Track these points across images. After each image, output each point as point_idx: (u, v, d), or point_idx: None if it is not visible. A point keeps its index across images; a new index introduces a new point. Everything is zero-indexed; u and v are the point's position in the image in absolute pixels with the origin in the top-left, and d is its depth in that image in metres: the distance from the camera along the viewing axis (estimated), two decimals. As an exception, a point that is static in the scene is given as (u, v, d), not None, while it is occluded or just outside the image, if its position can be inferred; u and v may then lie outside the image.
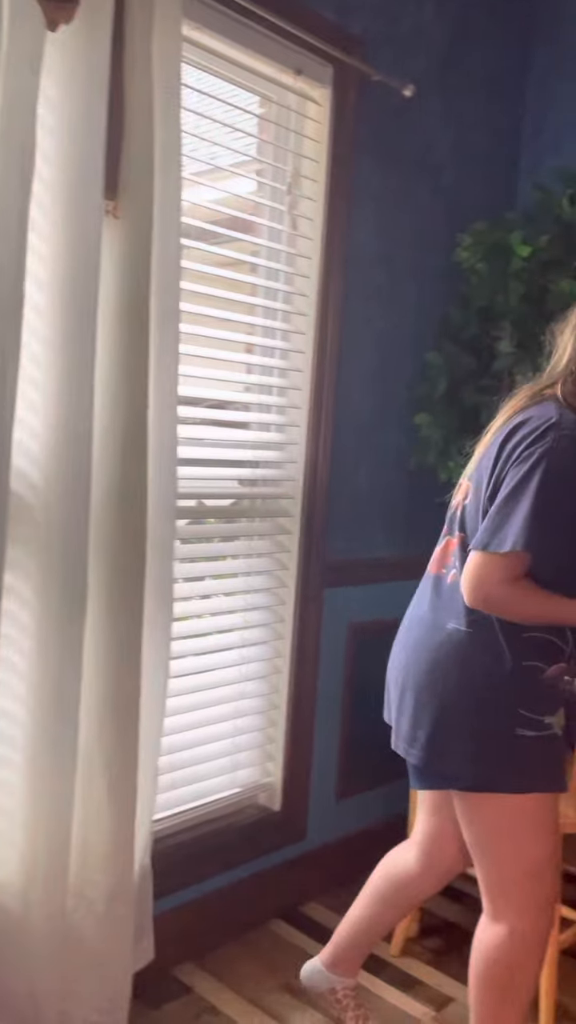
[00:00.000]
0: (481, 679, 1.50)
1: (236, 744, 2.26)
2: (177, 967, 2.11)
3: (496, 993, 1.61)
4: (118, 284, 1.63)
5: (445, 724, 1.53)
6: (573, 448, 1.43)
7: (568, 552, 1.47)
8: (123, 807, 1.71)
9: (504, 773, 1.51)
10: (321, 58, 2.12)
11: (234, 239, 2.12)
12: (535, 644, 1.50)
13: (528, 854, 1.56)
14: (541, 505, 1.41)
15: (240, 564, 2.25)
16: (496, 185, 2.81)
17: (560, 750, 1.55)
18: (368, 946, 1.91)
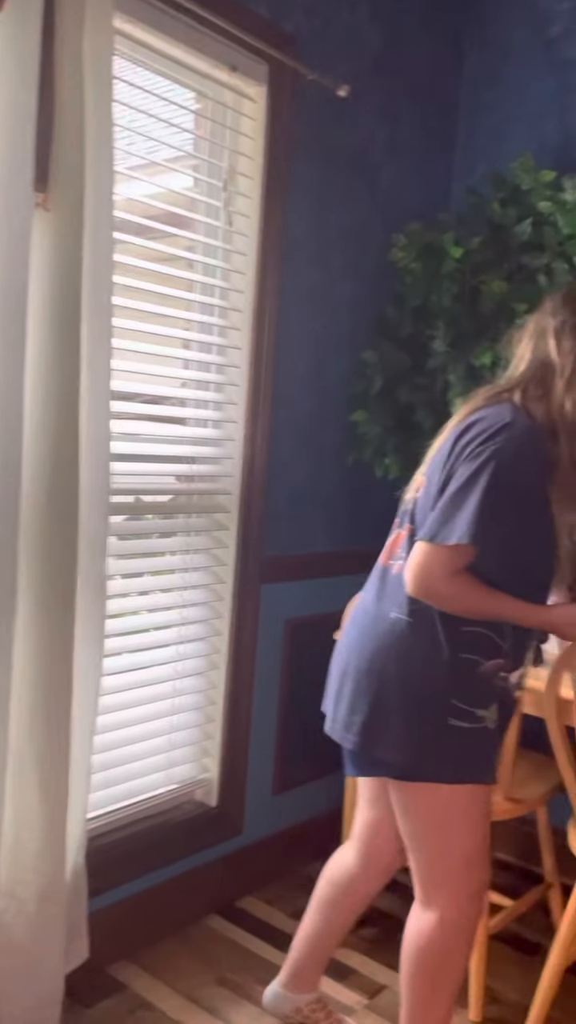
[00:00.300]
0: (418, 668, 1.54)
1: (172, 741, 2.26)
2: (112, 965, 2.10)
3: (427, 979, 1.65)
4: (48, 277, 1.62)
5: (381, 710, 1.56)
6: (522, 449, 1.48)
7: (511, 549, 1.51)
8: (54, 806, 1.70)
9: (436, 762, 1.55)
10: (256, 55, 2.13)
11: (170, 235, 2.11)
12: (473, 638, 1.54)
13: (461, 844, 1.60)
14: (488, 501, 1.45)
15: (177, 560, 2.25)
16: (430, 187, 2.85)
17: (492, 743, 1.59)
18: (325, 958, 1.91)
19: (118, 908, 2.10)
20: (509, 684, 1.60)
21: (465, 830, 1.59)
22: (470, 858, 1.61)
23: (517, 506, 1.48)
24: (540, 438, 1.51)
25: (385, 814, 1.78)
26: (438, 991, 1.65)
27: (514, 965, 2.23)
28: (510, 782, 2.05)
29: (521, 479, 1.48)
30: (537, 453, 1.50)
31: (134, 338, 2.02)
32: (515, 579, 1.54)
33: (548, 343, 1.57)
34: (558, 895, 2.30)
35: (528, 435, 1.49)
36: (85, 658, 1.76)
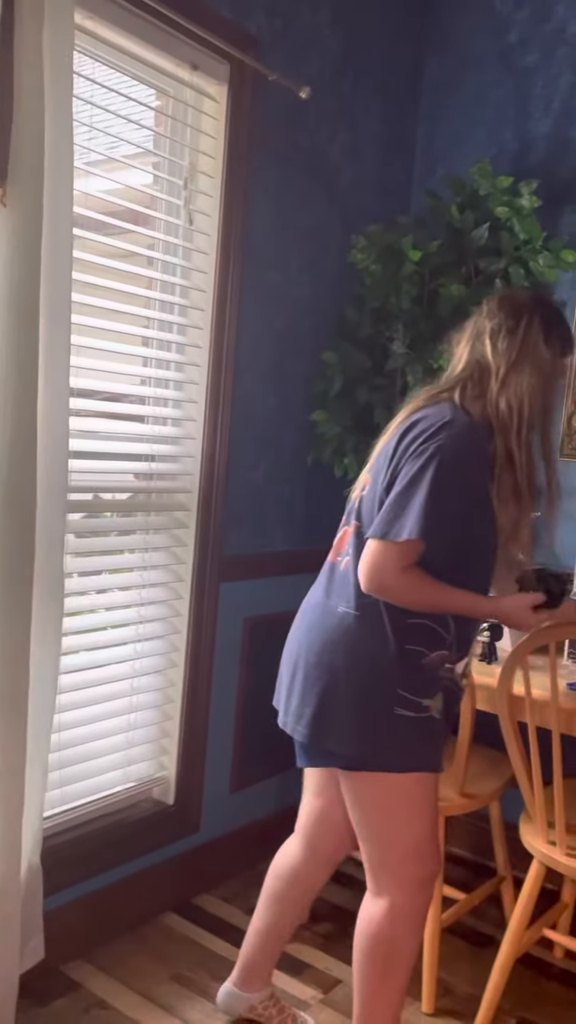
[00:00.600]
0: (366, 660, 1.58)
1: (130, 739, 2.25)
2: (67, 964, 2.09)
3: (378, 968, 1.68)
4: (6, 273, 1.60)
5: (330, 702, 1.59)
6: (463, 446, 1.53)
7: (457, 543, 1.56)
8: (10, 805, 1.69)
9: (385, 751, 1.59)
10: (217, 55, 2.14)
11: (130, 232, 2.11)
12: (418, 630, 1.58)
13: (409, 832, 1.64)
14: (434, 497, 1.49)
15: (136, 558, 2.24)
16: (390, 190, 2.88)
17: (438, 732, 1.63)
18: (275, 954, 1.93)
19: (73, 907, 2.09)
20: (454, 675, 1.64)
21: (413, 818, 1.63)
22: (419, 845, 1.65)
23: (461, 501, 1.53)
24: (479, 435, 1.57)
25: (330, 803, 1.81)
26: (389, 978, 1.68)
27: (466, 957, 2.27)
28: (464, 778, 2.08)
29: (463, 475, 1.53)
30: (477, 450, 1.55)
31: (93, 335, 2.01)
32: (461, 572, 1.59)
33: (484, 345, 1.63)
34: (510, 888, 2.35)
35: (468, 432, 1.55)
36: (42, 656, 1.75)
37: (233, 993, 1.94)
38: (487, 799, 2.14)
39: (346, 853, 1.88)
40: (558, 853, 1.86)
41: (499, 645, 2.18)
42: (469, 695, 2.01)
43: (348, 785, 1.64)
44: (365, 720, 1.58)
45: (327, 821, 1.83)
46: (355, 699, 1.58)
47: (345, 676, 1.58)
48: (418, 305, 2.60)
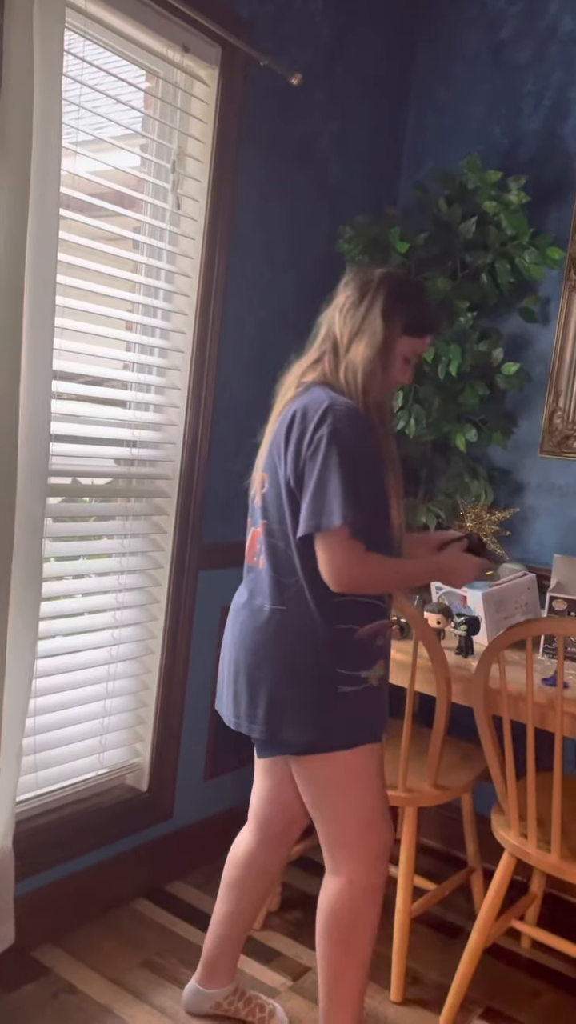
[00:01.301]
0: (301, 649, 1.61)
1: (105, 725, 2.24)
2: (36, 948, 2.08)
3: (342, 945, 1.70)
4: (-9, 252, 1.58)
5: (278, 697, 1.62)
6: (350, 423, 1.56)
7: (371, 517, 1.58)
8: (-18, 788, 1.68)
9: (334, 731, 1.62)
10: (209, 37, 2.12)
11: (116, 214, 2.08)
12: (348, 608, 1.60)
13: (362, 806, 1.67)
14: (346, 480, 1.52)
15: (115, 544, 2.23)
16: (378, 180, 2.88)
17: (377, 701, 1.67)
18: (237, 947, 1.93)
19: (45, 892, 2.08)
20: (387, 640, 1.68)
21: (363, 791, 1.67)
22: (371, 818, 1.68)
23: (368, 476, 1.57)
24: (357, 409, 1.59)
25: (279, 783, 1.83)
26: (352, 955, 1.70)
27: (435, 947, 2.29)
28: (437, 769, 2.10)
29: (361, 452, 1.56)
30: (362, 424, 1.58)
31: (77, 317, 1.99)
32: (381, 545, 1.61)
33: (334, 318, 1.68)
34: (479, 880, 2.37)
35: (349, 411, 1.57)
36: (19, 640, 1.74)
37: (198, 991, 1.94)
38: (459, 791, 2.15)
39: (298, 833, 1.90)
40: (529, 846, 1.88)
41: (476, 639, 2.20)
42: (444, 687, 2.02)
43: (300, 769, 1.67)
44: (314, 706, 1.61)
45: (276, 801, 1.85)
46: (300, 689, 1.60)
47: (286, 669, 1.61)
48: (404, 298, 2.60)
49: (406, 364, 1.69)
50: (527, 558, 2.67)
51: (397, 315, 1.63)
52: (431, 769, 2.09)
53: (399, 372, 1.68)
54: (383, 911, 2.37)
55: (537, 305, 2.58)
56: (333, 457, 1.52)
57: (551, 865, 1.85)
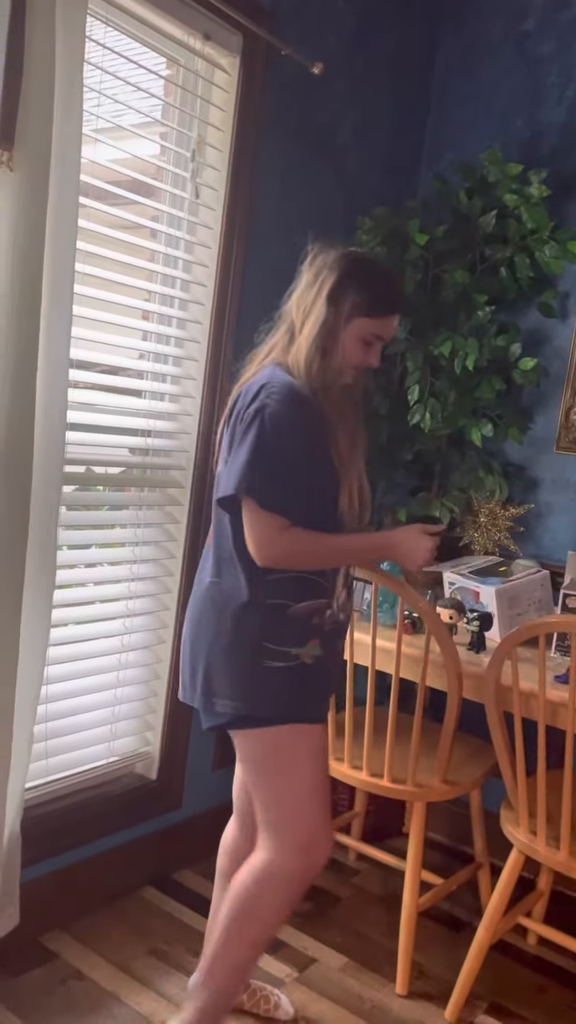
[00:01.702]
0: (229, 621, 1.60)
1: (116, 713, 2.25)
2: (44, 934, 2.10)
3: (238, 920, 1.67)
4: (9, 238, 1.58)
5: (208, 667, 1.63)
6: (282, 401, 1.54)
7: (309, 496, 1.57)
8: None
9: (259, 705, 1.60)
10: (230, 25, 2.10)
11: (135, 202, 2.08)
12: (281, 583, 1.59)
13: (293, 790, 1.64)
14: (257, 452, 1.52)
15: (128, 534, 2.23)
16: (398, 172, 2.86)
17: (312, 680, 1.63)
18: None
19: (53, 878, 2.09)
20: (326, 620, 1.64)
21: (295, 774, 1.63)
22: (298, 805, 1.64)
23: (293, 451, 1.54)
24: (298, 389, 1.57)
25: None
26: (243, 936, 1.67)
27: (441, 942, 2.30)
28: (447, 765, 2.09)
29: (285, 429, 1.53)
30: (297, 404, 1.55)
31: (94, 306, 1.99)
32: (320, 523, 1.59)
33: (292, 299, 1.68)
34: (487, 875, 2.37)
35: (286, 388, 1.56)
36: (32, 627, 1.74)
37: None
38: (469, 787, 2.15)
39: None
40: (538, 843, 1.88)
41: (488, 635, 2.19)
42: (456, 683, 2.01)
43: (236, 744, 1.68)
44: (241, 678, 1.60)
45: (247, 789, 1.81)
46: (228, 659, 1.60)
47: (215, 639, 1.62)
48: (421, 290, 2.59)
49: (367, 346, 1.65)
50: (541, 555, 2.65)
51: (346, 297, 1.61)
52: (441, 764, 2.09)
53: (355, 354, 1.64)
54: (390, 904, 2.38)
55: (556, 300, 2.56)
56: (253, 430, 1.53)
57: (560, 862, 1.84)
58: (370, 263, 1.68)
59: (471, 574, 2.31)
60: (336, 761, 2.17)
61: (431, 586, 2.45)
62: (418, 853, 2.10)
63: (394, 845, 2.66)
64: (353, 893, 2.47)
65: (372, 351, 1.67)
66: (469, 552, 2.68)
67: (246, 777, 1.69)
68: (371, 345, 1.66)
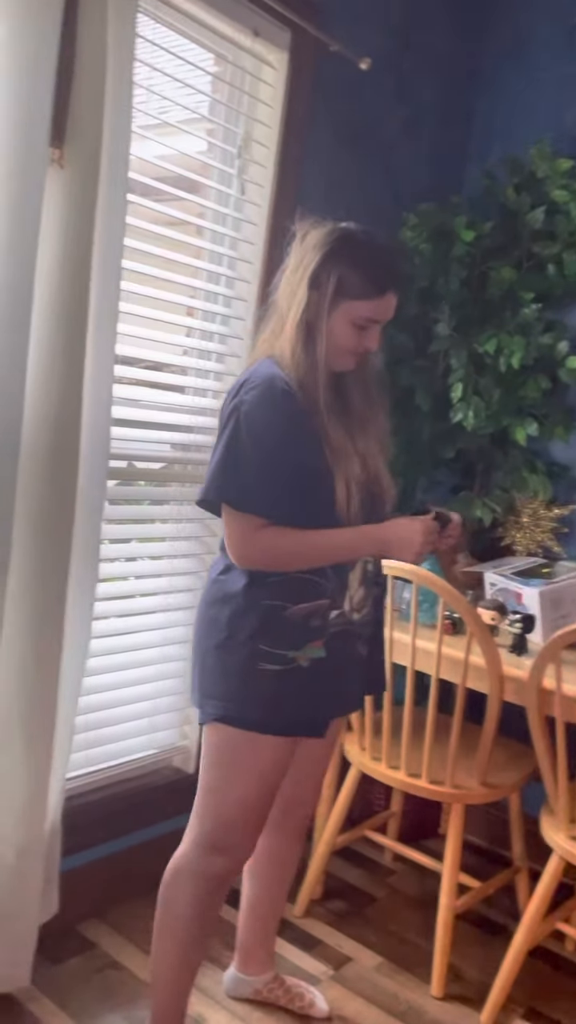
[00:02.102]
0: (225, 620, 1.54)
1: (155, 706, 2.27)
2: (82, 923, 2.12)
3: (159, 913, 1.66)
4: (60, 235, 1.59)
5: (203, 665, 1.59)
6: (260, 399, 1.46)
7: (293, 495, 1.49)
8: (39, 764, 1.71)
9: (246, 708, 1.54)
10: (279, 22, 2.10)
11: (180, 198, 2.08)
12: (280, 584, 1.52)
13: (228, 788, 1.58)
14: (227, 455, 1.47)
15: (169, 528, 2.24)
16: (444, 168, 2.83)
17: (310, 683, 1.55)
18: (264, 934, 1.92)
19: (92, 867, 2.12)
20: (329, 621, 1.55)
21: (238, 780, 1.57)
22: (230, 809, 1.58)
23: (271, 451, 1.46)
24: (277, 386, 1.47)
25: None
26: (164, 931, 1.65)
27: (478, 945, 2.28)
28: (486, 767, 2.08)
29: (265, 424, 1.46)
30: (272, 398, 1.47)
31: (138, 302, 2.00)
32: (309, 521, 1.51)
33: (280, 284, 1.56)
34: (525, 879, 2.34)
35: (264, 385, 1.47)
36: (76, 620, 1.76)
37: (237, 977, 1.95)
38: (508, 790, 2.13)
39: (301, 821, 1.86)
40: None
41: (530, 638, 2.16)
42: (497, 685, 1.99)
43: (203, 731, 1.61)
44: (229, 677, 1.54)
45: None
46: (222, 659, 1.54)
47: (212, 638, 1.56)
48: (466, 287, 2.56)
49: (360, 330, 1.53)
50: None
51: (329, 280, 1.49)
52: (480, 767, 2.07)
53: (348, 340, 1.52)
54: (427, 906, 2.37)
55: (604, 298, 2.52)
56: (228, 430, 1.48)
57: (601, 870, 1.81)
58: (358, 240, 1.53)
59: (513, 575, 2.28)
60: (374, 760, 2.17)
61: (472, 586, 2.43)
62: (456, 855, 2.08)
63: (430, 846, 2.65)
64: (388, 893, 2.46)
65: (368, 335, 1.54)
66: (511, 553, 2.65)
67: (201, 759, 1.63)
68: (365, 329, 1.53)
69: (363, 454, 1.58)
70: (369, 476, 1.58)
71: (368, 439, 1.60)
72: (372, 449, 1.61)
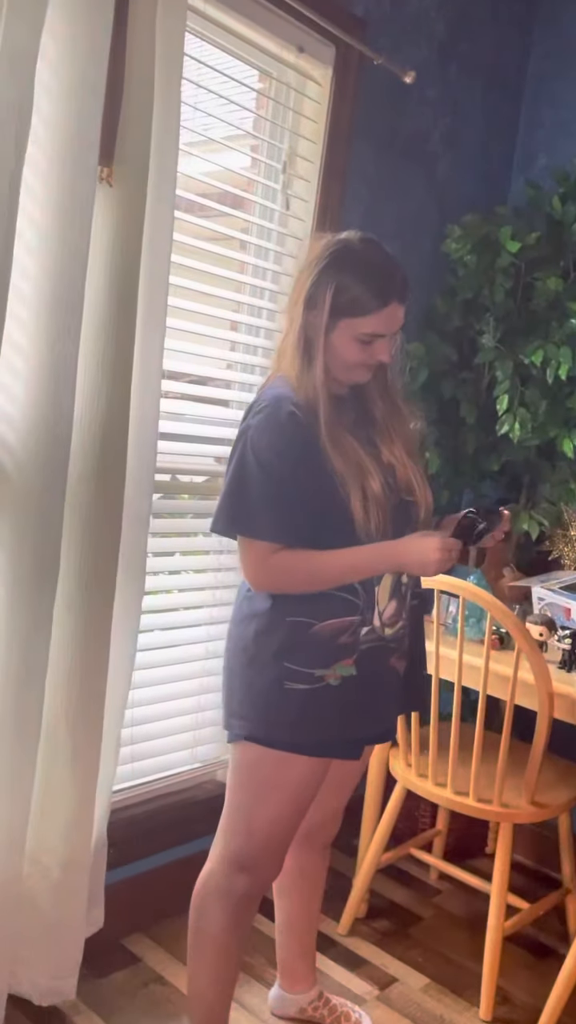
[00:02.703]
0: (250, 637, 1.53)
1: (198, 720, 2.26)
2: (127, 937, 2.12)
3: (191, 931, 1.66)
4: (108, 252, 1.61)
5: (231, 683, 1.57)
6: (265, 425, 1.45)
7: (307, 518, 1.46)
8: (85, 777, 1.71)
9: (273, 730, 1.51)
10: (324, 37, 2.11)
11: (225, 214, 2.10)
12: (306, 600, 1.49)
13: (257, 806, 1.56)
14: (237, 483, 1.46)
15: (213, 541, 2.25)
16: (489, 179, 2.81)
17: (341, 702, 1.51)
18: (302, 951, 1.90)
19: (137, 881, 2.12)
20: (360, 638, 1.51)
21: (268, 799, 1.55)
22: (259, 826, 1.57)
23: (278, 475, 1.43)
24: (282, 410, 1.45)
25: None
26: (197, 952, 1.64)
27: (527, 967, 2.23)
28: (535, 786, 2.04)
29: (275, 453, 1.44)
30: (278, 423, 1.44)
31: (183, 317, 2.01)
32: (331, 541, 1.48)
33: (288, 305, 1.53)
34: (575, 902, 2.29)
35: (270, 407, 1.46)
36: (122, 633, 1.77)
37: (282, 995, 1.93)
38: (558, 810, 2.08)
39: (327, 838, 1.84)
40: (632, 871, 1.80)
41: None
42: (547, 702, 1.95)
43: (232, 749, 1.60)
44: (256, 697, 1.51)
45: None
46: (246, 676, 1.53)
47: (239, 656, 1.54)
48: (511, 298, 2.54)
49: (366, 345, 1.48)
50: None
51: (324, 299, 1.44)
52: (529, 786, 2.03)
53: (353, 355, 1.48)
54: (473, 926, 2.33)
55: None
56: (236, 456, 1.47)
57: None
58: (354, 253, 1.48)
59: (562, 590, 2.25)
60: (420, 777, 2.14)
61: (519, 600, 2.39)
62: (504, 875, 2.04)
63: (477, 865, 2.60)
64: (435, 913, 2.42)
65: (376, 348, 1.49)
66: (559, 567, 2.61)
67: (228, 776, 1.61)
68: (371, 343, 1.49)
69: (390, 463, 1.56)
70: (400, 484, 1.56)
71: (394, 447, 1.58)
72: (400, 457, 1.58)
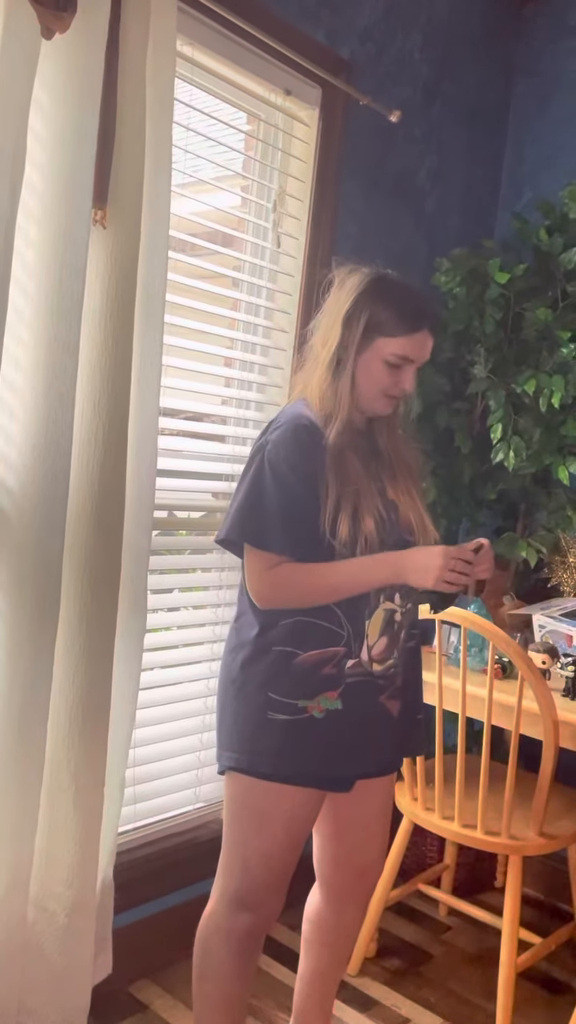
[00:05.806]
0: (237, 667, 1.54)
1: (201, 759, 2.24)
2: (133, 984, 2.08)
3: (195, 973, 1.64)
4: (103, 293, 1.63)
5: (221, 714, 1.59)
6: (282, 443, 1.49)
7: (302, 535, 1.48)
8: (89, 819, 1.69)
9: (256, 760, 1.51)
10: (310, 80, 2.15)
11: (217, 252, 2.13)
12: (291, 629, 1.50)
13: (252, 841, 1.56)
14: (250, 497, 1.49)
15: (212, 577, 2.24)
16: (475, 213, 2.86)
17: (324, 736, 1.51)
18: (322, 1001, 1.84)
19: (142, 926, 2.08)
20: (345, 670, 1.51)
21: (261, 833, 1.54)
22: (255, 863, 1.55)
23: (281, 498, 1.46)
24: (302, 431, 1.49)
25: (325, 839, 1.73)
26: (201, 985, 1.63)
27: (541, 1004, 2.19)
28: (543, 817, 2.01)
29: (289, 468, 1.47)
30: (295, 442, 1.48)
31: (178, 354, 2.03)
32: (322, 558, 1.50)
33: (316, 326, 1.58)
34: (587, 934, 2.26)
35: (288, 426, 1.50)
36: (124, 672, 1.76)
37: None
38: (567, 840, 2.06)
39: (369, 889, 1.78)
40: None
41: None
42: (552, 731, 1.94)
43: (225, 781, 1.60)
44: (240, 727, 1.53)
45: (330, 859, 1.74)
46: (233, 707, 1.54)
47: (227, 686, 1.56)
48: (502, 329, 2.56)
49: (395, 369, 1.52)
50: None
51: (362, 317, 1.50)
52: (537, 816, 2.01)
53: (381, 378, 1.52)
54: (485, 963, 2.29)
55: None
56: (252, 471, 1.50)
57: None
58: (391, 281, 1.55)
59: (563, 617, 2.24)
60: (426, 811, 2.12)
61: (520, 628, 2.38)
62: (515, 910, 2.01)
63: (486, 899, 2.56)
64: (445, 950, 2.38)
65: (402, 374, 1.53)
66: (558, 594, 2.61)
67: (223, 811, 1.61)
68: (399, 368, 1.52)
69: (394, 500, 1.58)
70: (401, 523, 1.58)
71: (397, 486, 1.60)
72: (404, 495, 1.60)
